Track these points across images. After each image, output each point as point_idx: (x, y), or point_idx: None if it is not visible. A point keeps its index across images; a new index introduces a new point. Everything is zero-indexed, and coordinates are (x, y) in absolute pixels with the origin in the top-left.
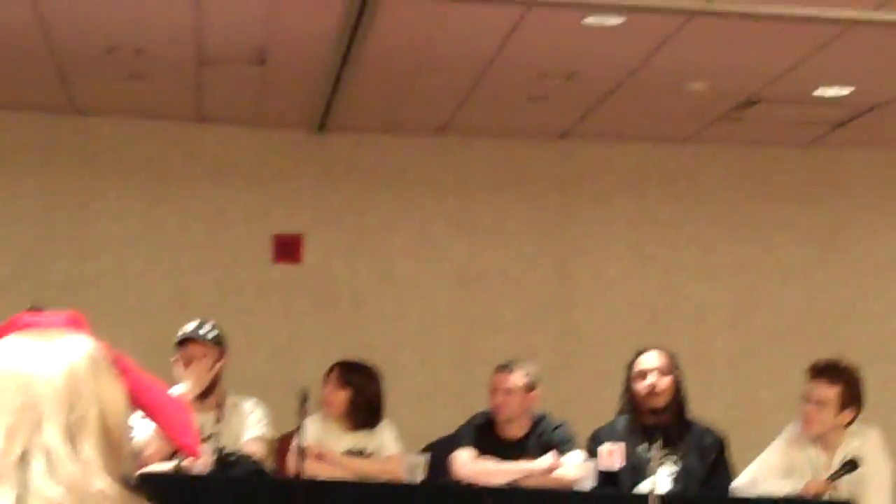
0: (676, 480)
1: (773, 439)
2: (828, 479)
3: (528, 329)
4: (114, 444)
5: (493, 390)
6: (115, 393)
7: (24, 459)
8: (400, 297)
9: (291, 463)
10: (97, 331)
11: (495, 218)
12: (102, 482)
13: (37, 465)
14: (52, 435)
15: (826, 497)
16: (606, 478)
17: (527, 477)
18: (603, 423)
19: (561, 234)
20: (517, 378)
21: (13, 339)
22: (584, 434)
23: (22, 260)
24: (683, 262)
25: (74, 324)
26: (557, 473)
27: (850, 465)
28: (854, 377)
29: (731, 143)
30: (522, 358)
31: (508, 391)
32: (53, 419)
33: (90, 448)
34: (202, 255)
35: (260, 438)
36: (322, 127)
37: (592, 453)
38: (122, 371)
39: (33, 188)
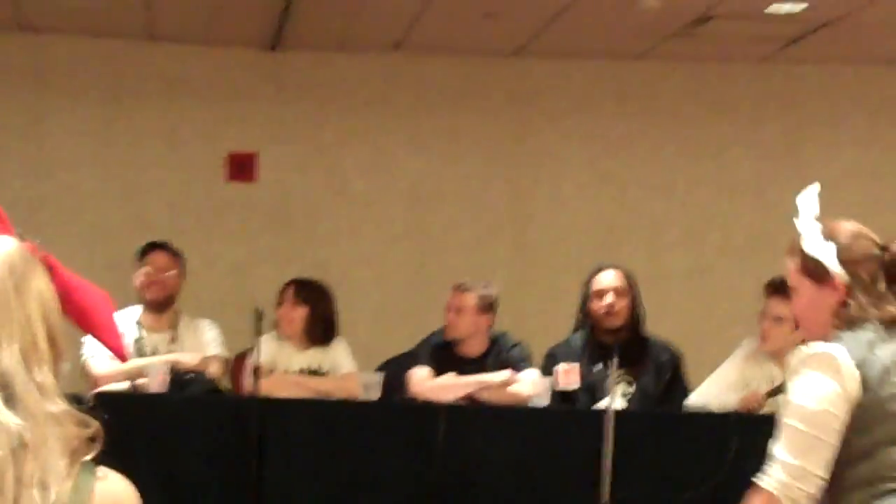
0: (632, 400)
1: (728, 355)
2: (765, 394)
3: (483, 247)
4: (57, 353)
5: (448, 307)
6: (50, 293)
7: None
8: (354, 214)
9: (247, 382)
10: (51, 250)
11: (450, 135)
12: (57, 405)
13: None
14: (8, 360)
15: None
16: (563, 397)
17: (482, 390)
18: (559, 341)
19: (515, 151)
20: (470, 298)
21: None
22: (539, 351)
23: None
24: (638, 179)
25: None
26: (512, 389)
27: None
28: None
29: (686, 59)
30: (481, 279)
31: (460, 310)
32: (7, 341)
33: (44, 371)
34: (156, 175)
35: (215, 357)
36: (275, 45)
37: (548, 371)
38: (51, 269)
39: None
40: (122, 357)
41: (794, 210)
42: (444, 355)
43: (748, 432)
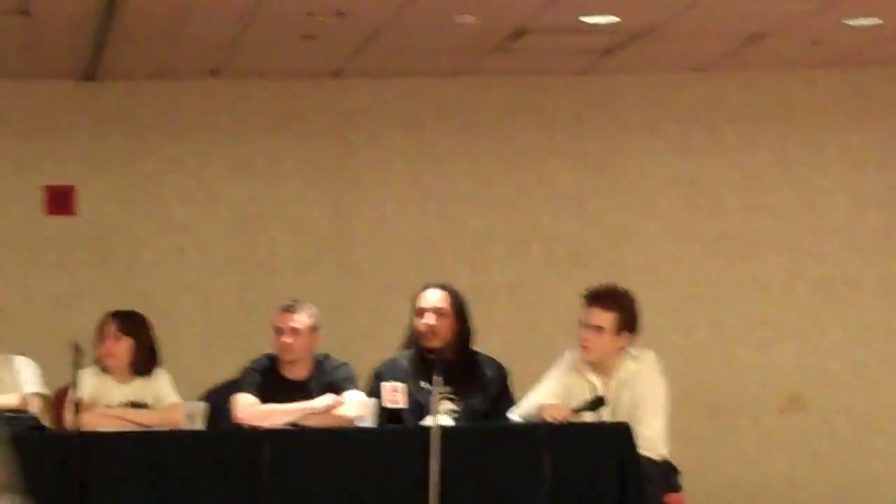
0: (459, 418)
1: (550, 366)
2: (573, 409)
3: (308, 269)
4: None
5: (278, 330)
6: None
7: None
8: (177, 243)
9: (68, 417)
10: None
11: (272, 159)
12: None
13: None
14: None
15: (588, 419)
16: (390, 416)
17: (307, 416)
18: (383, 361)
19: (338, 172)
20: (303, 318)
21: None
22: (367, 372)
23: None
24: (461, 195)
25: None
26: (338, 412)
27: (598, 402)
28: (629, 302)
29: (504, 73)
30: (302, 299)
31: (295, 331)
32: None
33: None
34: None
35: (35, 395)
36: (91, 76)
37: (375, 390)
38: None
39: None
40: None
41: (614, 220)
42: (269, 380)
43: (560, 444)
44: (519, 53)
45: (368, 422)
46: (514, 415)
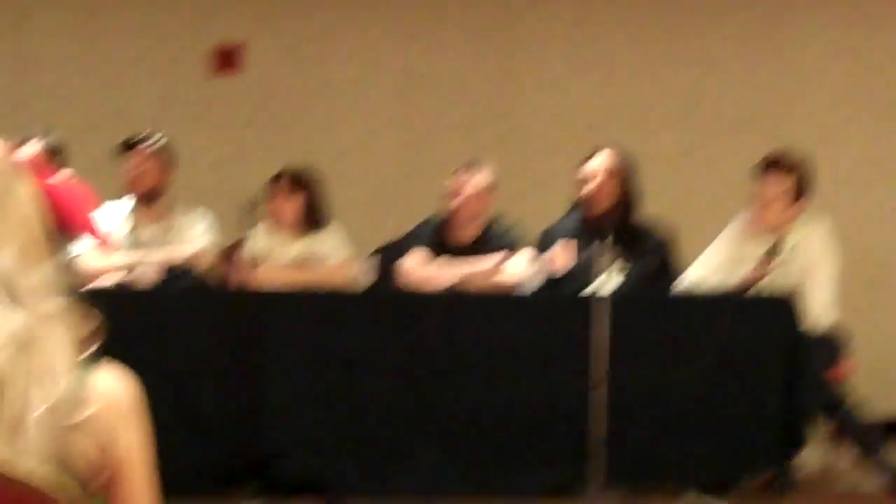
0: (623, 283)
1: (718, 233)
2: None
3: (472, 132)
4: (49, 253)
5: (453, 191)
6: (37, 194)
7: None
8: (342, 103)
9: (239, 273)
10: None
11: (437, 22)
12: (57, 300)
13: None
14: (6, 260)
15: (767, 282)
16: (556, 279)
17: (473, 277)
18: (550, 224)
19: (503, 34)
20: (478, 179)
21: None
22: (531, 236)
23: None
24: (627, 61)
25: None
26: (503, 274)
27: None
28: (804, 169)
29: None
30: (479, 161)
31: (468, 191)
32: (4, 242)
33: (41, 268)
34: (142, 69)
35: (208, 249)
36: None
37: (541, 252)
38: (34, 175)
39: None
40: (107, 246)
41: (781, 87)
42: (438, 240)
43: (728, 313)
44: None
45: (534, 285)
46: (687, 281)
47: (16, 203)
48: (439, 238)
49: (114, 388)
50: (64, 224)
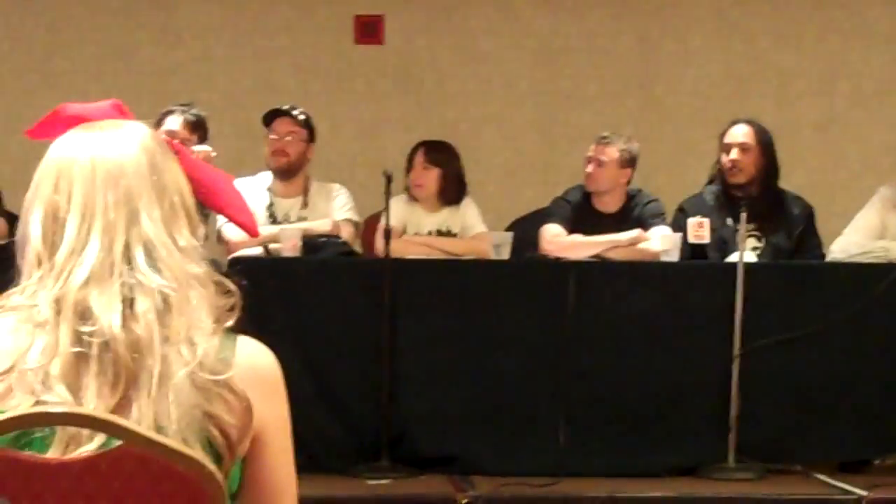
0: (762, 255)
1: (860, 206)
2: None
3: (612, 102)
4: (193, 224)
5: (588, 161)
6: (182, 174)
7: (126, 253)
8: (482, 74)
9: (379, 244)
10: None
11: None
12: (198, 267)
13: (139, 256)
14: (150, 226)
15: None
16: (694, 250)
17: (612, 249)
18: (689, 195)
19: (643, 4)
20: (612, 151)
21: (75, 134)
22: (670, 206)
23: (106, 50)
24: (767, 30)
25: (121, 112)
26: (642, 246)
27: None
28: None
29: None
30: (621, 133)
31: (601, 163)
32: (148, 209)
33: (184, 235)
34: (284, 39)
35: (347, 221)
36: None
37: (680, 224)
38: (176, 152)
39: None
40: (253, 232)
41: None
42: (580, 211)
43: (864, 284)
44: None
45: (673, 257)
46: (835, 253)
47: (160, 174)
48: (581, 209)
49: (255, 355)
50: (209, 205)
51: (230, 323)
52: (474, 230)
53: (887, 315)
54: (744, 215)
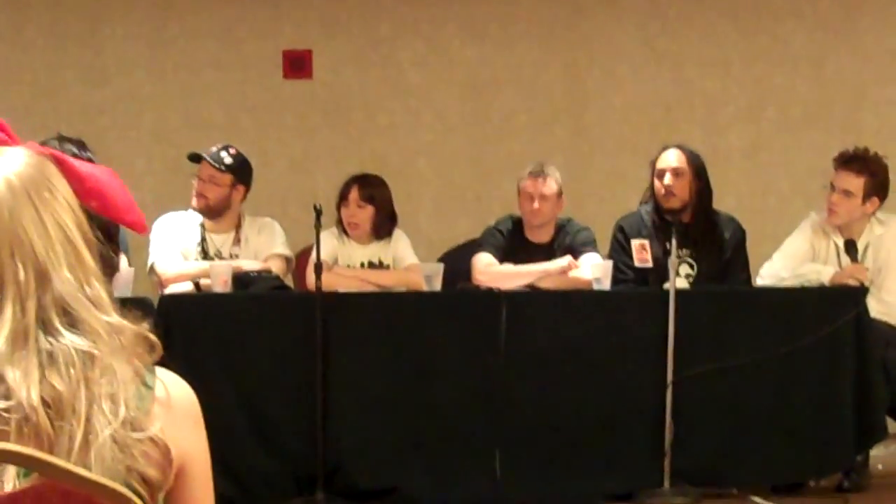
0: (694, 283)
1: (788, 231)
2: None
3: (542, 132)
4: (93, 251)
5: (527, 196)
6: (72, 196)
7: (39, 315)
8: (411, 106)
9: (310, 277)
10: (111, 156)
11: (504, 22)
12: (112, 314)
13: (53, 318)
14: (60, 286)
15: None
16: (638, 273)
17: (544, 278)
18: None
19: (570, 34)
20: (552, 183)
21: None
22: (600, 234)
23: (34, 89)
24: (694, 56)
25: (4, 131)
26: (574, 274)
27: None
28: (881, 167)
29: None
30: (548, 162)
31: (544, 196)
32: (53, 267)
33: (93, 285)
34: (212, 75)
35: (278, 256)
36: None
37: (617, 242)
38: (60, 164)
39: (39, 17)
40: (140, 230)
41: (852, 82)
42: (512, 240)
43: (794, 307)
44: None
45: (605, 285)
46: (764, 278)
47: (55, 218)
48: (512, 239)
49: (172, 389)
50: (100, 211)
51: (150, 362)
52: (406, 262)
53: (817, 338)
54: (674, 241)
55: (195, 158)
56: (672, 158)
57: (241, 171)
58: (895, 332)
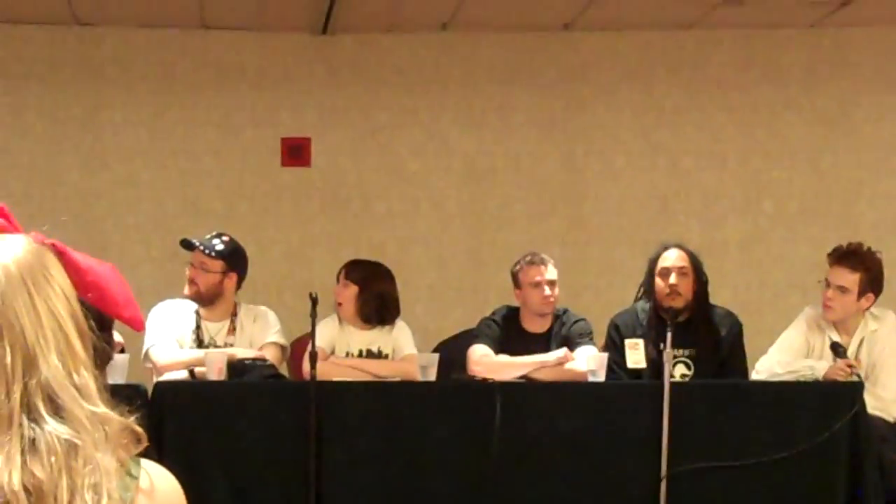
0: (694, 373)
1: (785, 324)
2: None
3: (538, 222)
4: (86, 341)
5: (536, 284)
6: (69, 287)
7: (24, 401)
8: (409, 195)
9: (305, 366)
10: (109, 242)
11: (502, 112)
12: (100, 408)
13: (39, 404)
14: (47, 372)
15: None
16: (632, 373)
17: (539, 370)
18: (619, 311)
19: (568, 125)
20: (552, 269)
21: None
22: (597, 326)
23: (31, 175)
24: (691, 149)
25: (4, 216)
26: (569, 366)
27: (836, 347)
28: (875, 263)
29: (735, 27)
30: (541, 253)
31: (552, 283)
32: (41, 353)
33: (81, 373)
34: (211, 162)
35: (273, 345)
36: (325, 29)
37: (611, 339)
38: (61, 255)
39: (39, 102)
40: (138, 327)
41: (848, 175)
42: (508, 331)
43: (791, 402)
44: (751, 6)
45: (600, 377)
46: (760, 372)
47: (49, 306)
48: (508, 329)
49: (157, 481)
50: (98, 305)
51: (135, 454)
52: (404, 352)
53: (814, 437)
54: (669, 334)
55: (188, 245)
56: (677, 257)
57: (233, 258)
58: (890, 428)
